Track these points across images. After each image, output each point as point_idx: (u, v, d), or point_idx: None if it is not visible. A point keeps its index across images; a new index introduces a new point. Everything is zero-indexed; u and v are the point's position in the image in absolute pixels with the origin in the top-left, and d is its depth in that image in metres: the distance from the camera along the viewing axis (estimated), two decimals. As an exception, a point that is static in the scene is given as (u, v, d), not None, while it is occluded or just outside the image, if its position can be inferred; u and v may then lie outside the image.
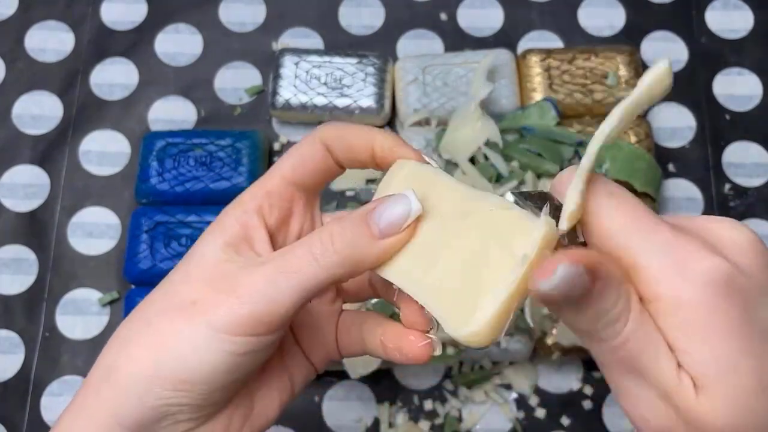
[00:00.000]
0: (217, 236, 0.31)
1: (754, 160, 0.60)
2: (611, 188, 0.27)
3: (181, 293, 0.30)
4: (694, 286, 0.24)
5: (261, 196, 0.32)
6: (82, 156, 0.61)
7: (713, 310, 0.24)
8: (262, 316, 0.28)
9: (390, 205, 0.29)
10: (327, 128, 0.32)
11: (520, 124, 0.56)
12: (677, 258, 0.25)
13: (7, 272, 0.57)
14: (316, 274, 0.29)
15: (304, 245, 0.29)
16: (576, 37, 0.64)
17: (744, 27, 0.64)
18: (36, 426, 0.54)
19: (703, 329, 0.25)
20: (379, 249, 0.29)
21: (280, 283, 0.28)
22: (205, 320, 0.28)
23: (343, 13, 0.65)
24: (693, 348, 0.25)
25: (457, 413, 0.54)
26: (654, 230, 0.26)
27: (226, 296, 0.29)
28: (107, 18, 0.65)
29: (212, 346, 0.28)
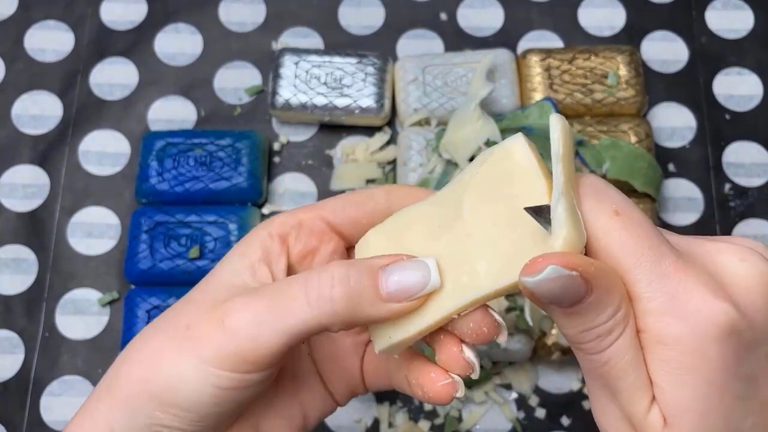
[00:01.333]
0: (238, 256, 0.30)
1: (754, 160, 0.60)
2: (620, 206, 0.25)
3: (184, 314, 0.29)
4: (685, 327, 0.24)
5: (291, 225, 0.31)
6: (82, 156, 0.61)
7: (699, 356, 0.24)
8: (247, 354, 0.27)
9: (406, 268, 0.27)
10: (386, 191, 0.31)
11: (520, 124, 0.56)
12: (675, 294, 0.24)
13: (7, 272, 0.57)
14: (305, 320, 0.27)
15: (300, 282, 0.27)
16: (576, 37, 0.64)
17: (744, 27, 0.64)
18: (36, 426, 0.54)
19: (684, 371, 0.24)
20: (381, 311, 0.27)
21: (265, 323, 0.27)
22: (194, 350, 0.28)
23: (343, 13, 0.65)
24: (669, 387, 0.24)
25: (457, 413, 0.54)
26: (657, 259, 0.24)
27: (215, 328, 0.28)
28: (107, 18, 0.65)
29: (198, 377, 0.27)
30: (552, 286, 0.23)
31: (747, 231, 0.58)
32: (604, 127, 0.57)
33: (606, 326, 0.24)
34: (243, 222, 0.55)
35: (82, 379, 0.55)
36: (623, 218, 0.25)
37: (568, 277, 0.23)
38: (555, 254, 0.23)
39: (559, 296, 0.23)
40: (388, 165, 0.59)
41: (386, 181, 0.59)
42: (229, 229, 0.55)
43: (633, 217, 0.25)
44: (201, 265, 0.54)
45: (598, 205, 0.25)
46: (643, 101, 0.59)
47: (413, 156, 0.57)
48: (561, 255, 0.23)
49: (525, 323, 0.51)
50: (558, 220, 0.24)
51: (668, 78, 0.63)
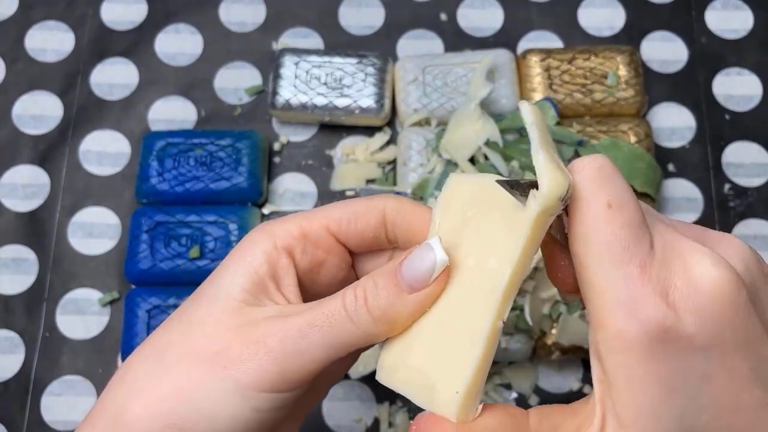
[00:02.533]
0: (242, 271, 0.29)
1: (754, 160, 0.60)
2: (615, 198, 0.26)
3: (204, 338, 0.28)
4: (636, 329, 0.25)
5: (296, 237, 0.30)
6: (82, 156, 0.61)
7: (647, 357, 0.25)
8: (292, 372, 0.27)
9: (417, 257, 0.28)
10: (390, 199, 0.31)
11: (519, 124, 0.56)
12: (632, 296, 0.25)
13: (7, 272, 0.57)
14: (351, 332, 0.27)
15: (338, 298, 0.28)
16: (576, 37, 0.64)
17: (744, 27, 0.64)
18: (36, 426, 0.54)
19: (634, 371, 0.25)
20: (409, 304, 0.28)
21: (312, 339, 0.27)
22: (230, 375, 0.27)
23: (343, 13, 0.65)
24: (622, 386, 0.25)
25: (457, 413, 0.54)
26: (626, 260, 0.25)
27: (255, 349, 0.27)
28: (107, 18, 0.65)
29: (236, 401, 0.27)
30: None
31: (747, 231, 0.58)
32: (603, 128, 0.57)
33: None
34: (243, 222, 0.56)
35: (82, 379, 0.55)
36: (613, 213, 0.26)
37: None
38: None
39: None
40: (388, 165, 0.60)
41: (386, 182, 0.59)
42: (230, 229, 0.55)
43: (623, 213, 0.26)
44: (201, 265, 0.54)
45: (595, 193, 0.26)
46: (642, 101, 0.59)
47: (413, 156, 0.57)
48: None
49: (525, 323, 0.51)
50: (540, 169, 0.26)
51: (668, 78, 0.63)
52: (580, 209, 0.26)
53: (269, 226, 0.31)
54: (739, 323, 0.25)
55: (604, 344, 0.26)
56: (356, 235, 0.31)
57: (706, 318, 0.25)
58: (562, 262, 0.28)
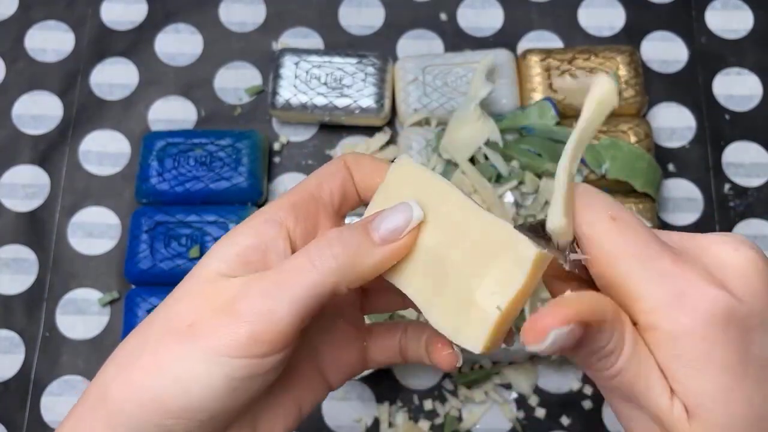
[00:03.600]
0: (227, 246, 0.30)
1: (753, 160, 0.60)
2: (615, 211, 0.26)
3: (179, 314, 0.28)
4: (690, 319, 0.25)
5: (286, 208, 0.31)
6: (82, 156, 0.61)
7: (709, 344, 0.24)
8: (262, 334, 0.27)
9: (391, 212, 0.29)
10: (349, 154, 0.33)
11: (519, 124, 0.56)
12: (675, 289, 0.25)
13: (7, 272, 0.57)
14: (315, 282, 0.28)
15: (301, 253, 0.28)
16: (576, 37, 0.64)
17: (744, 27, 0.64)
18: (36, 426, 0.54)
19: (698, 361, 0.25)
20: (379, 254, 0.29)
21: (276, 295, 0.27)
22: (202, 344, 0.27)
23: (343, 13, 0.65)
24: (687, 379, 0.25)
25: (457, 413, 0.54)
26: (654, 258, 0.25)
27: (224, 316, 0.27)
28: (107, 18, 0.65)
29: (212, 370, 0.27)
30: (556, 346, 0.25)
31: (747, 231, 0.58)
32: (603, 127, 0.57)
33: (607, 348, 0.26)
34: (243, 222, 0.55)
35: (82, 379, 0.55)
36: (620, 223, 0.26)
37: (568, 332, 0.24)
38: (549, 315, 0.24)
39: (562, 348, 0.25)
40: (388, 165, 0.59)
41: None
42: (229, 229, 0.55)
43: (629, 221, 0.26)
44: (201, 265, 0.54)
45: (595, 212, 0.26)
46: (642, 101, 0.59)
47: (413, 156, 0.57)
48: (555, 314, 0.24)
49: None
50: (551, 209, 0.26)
51: (668, 78, 0.63)
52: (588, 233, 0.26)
53: (262, 208, 0.32)
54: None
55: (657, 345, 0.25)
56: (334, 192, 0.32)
57: (753, 294, 0.25)
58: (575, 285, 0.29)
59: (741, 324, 0.25)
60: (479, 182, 0.53)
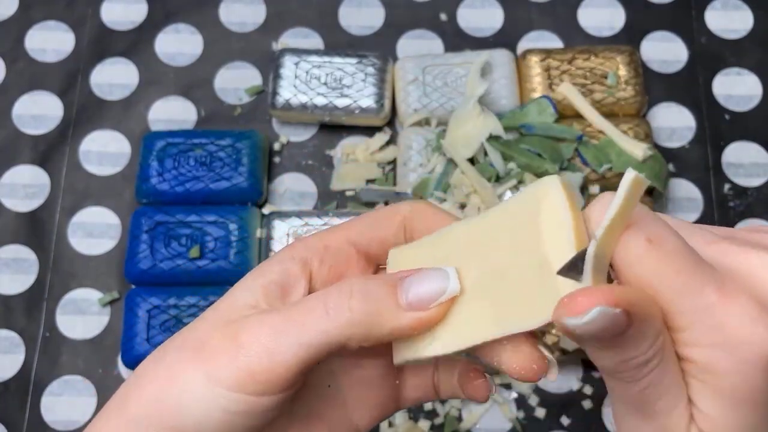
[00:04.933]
0: (255, 279, 0.29)
1: (753, 160, 0.60)
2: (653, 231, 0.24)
3: (197, 332, 0.28)
4: (734, 360, 0.23)
5: (316, 248, 0.30)
6: (82, 156, 0.61)
7: (749, 387, 0.23)
8: (260, 372, 0.26)
9: (426, 277, 0.26)
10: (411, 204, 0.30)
11: (519, 122, 0.56)
12: (721, 325, 0.23)
13: (7, 272, 0.57)
14: (325, 330, 0.26)
15: (319, 296, 0.27)
16: (576, 37, 0.64)
17: (744, 27, 0.64)
18: (36, 426, 0.54)
19: (733, 401, 0.24)
20: (402, 321, 0.26)
21: (282, 335, 0.26)
22: (204, 368, 0.26)
23: (343, 13, 0.65)
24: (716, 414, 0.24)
25: (457, 413, 0.54)
26: (699, 288, 0.23)
27: (228, 344, 0.26)
28: (107, 18, 0.65)
29: (207, 397, 0.26)
30: (596, 326, 0.22)
31: (747, 231, 0.58)
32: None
33: (645, 356, 0.24)
34: (243, 222, 0.56)
35: (82, 379, 0.55)
36: (657, 247, 0.23)
37: (613, 315, 0.22)
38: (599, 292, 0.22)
39: (601, 334, 0.23)
40: (388, 165, 0.60)
41: (386, 182, 0.59)
42: (229, 229, 0.55)
43: (668, 244, 0.24)
44: (201, 264, 0.54)
45: (631, 235, 0.24)
46: (642, 101, 0.59)
47: (413, 156, 0.57)
48: (604, 292, 0.22)
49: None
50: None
51: (668, 78, 0.63)
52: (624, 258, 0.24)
53: (295, 241, 0.31)
54: None
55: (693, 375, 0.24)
56: (377, 241, 0.30)
57: None
58: None
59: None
60: (479, 182, 0.53)
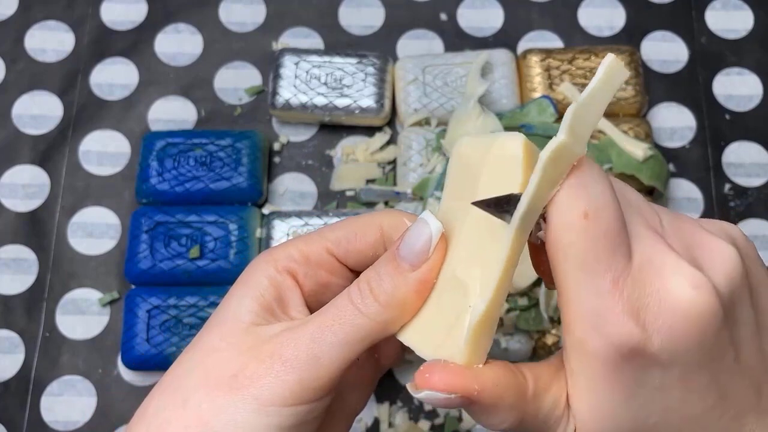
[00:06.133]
0: (249, 295, 0.29)
1: (754, 160, 0.60)
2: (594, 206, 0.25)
3: (219, 363, 0.27)
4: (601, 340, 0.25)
5: (297, 260, 0.30)
6: (82, 156, 0.61)
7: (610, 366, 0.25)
8: (310, 381, 0.26)
9: (412, 235, 0.28)
10: (387, 215, 0.31)
11: (519, 122, 0.56)
12: (601, 311, 0.25)
13: (7, 272, 0.57)
14: (362, 324, 0.27)
15: (344, 296, 0.28)
16: (576, 37, 0.64)
17: (744, 27, 0.64)
18: (36, 426, 0.54)
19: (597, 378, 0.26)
20: (413, 282, 0.28)
21: (323, 341, 0.27)
22: (249, 394, 0.26)
23: (343, 13, 0.65)
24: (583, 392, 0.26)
25: (457, 413, 0.54)
26: (600, 274, 0.25)
27: (270, 363, 0.27)
28: (107, 18, 0.65)
29: (258, 420, 0.26)
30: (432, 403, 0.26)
31: (747, 231, 0.58)
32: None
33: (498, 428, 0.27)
34: (243, 222, 0.56)
35: (82, 379, 0.55)
36: (589, 223, 0.25)
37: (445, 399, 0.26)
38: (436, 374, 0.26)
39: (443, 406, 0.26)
40: (388, 165, 0.60)
41: (386, 182, 0.59)
42: (229, 229, 0.55)
43: (600, 224, 0.25)
44: (201, 265, 0.54)
45: (571, 201, 0.25)
46: (643, 101, 0.59)
47: (413, 156, 0.57)
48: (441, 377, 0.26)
49: (525, 323, 0.51)
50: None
51: (668, 78, 0.63)
52: (556, 219, 0.25)
53: (270, 252, 0.31)
54: (707, 345, 0.25)
55: (570, 347, 0.27)
56: (356, 253, 0.31)
57: (674, 340, 0.25)
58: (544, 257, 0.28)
59: (644, 360, 0.25)
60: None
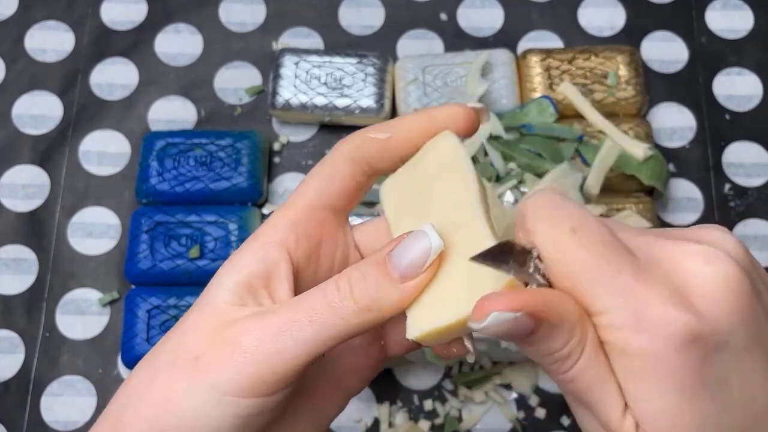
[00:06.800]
0: (231, 275, 0.29)
1: (754, 160, 0.60)
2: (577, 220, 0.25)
3: (186, 345, 0.27)
4: (648, 341, 0.24)
5: (285, 227, 0.29)
6: (82, 156, 0.61)
7: (664, 365, 0.24)
8: (270, 375, 0.26)
9: (409, 245, 0.27)
10: (349, 139, 0.31)
11: (519, 122, 0.56)
12: (635, 308, 0.24)
13: (7, 272, 0.57)
14: (334, 325, 0.26)
15: (318, 292, 0.27)
16: (576, 37, 0.64)
17: (744, 27, 0.64)
18: (36, 426, 0.54)
19: (653, 381, 0.24)
20: (401, 293, 0.27)
21: (291, 335, 0.26)
22: (208, 380, 0.26)
23: (343, 13, 0.65)
24: (641, 396, 0.25)
25: (457, 413, 0.54)
26: (616, 274, 0.24)
27: (230, 350, 0.26)
28: (107, 18, 0.65)
29: (216, 409, 0.26)
30: (498, 329, 0.24)
31: (747, 231, 0.58)
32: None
33: (562, 352, 0.25)
34: (243, 222, 0.55)
35: (82, 379, 0.55)
36: (580, 235, 0.25)
37: (513, 319, 0.24)
38: (497, 297, 0.24)
39: (508, 335, 0.24)
40: (388, 165, 0.59)
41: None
42: (229, 229, 0.55)
43: (590, 233, 0.25)
44: (201, 265, 0.54)
45: (554, 224, 0.25)
46: (643, 101, 0.59)
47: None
48: (502, 297, 0.24)
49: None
50: None
51: (668, 78, 0.63)
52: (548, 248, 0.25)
53: (258, 229, 0.30)
54: (749, 316, 0.24)
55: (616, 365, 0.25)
56: (339, 195, 0.30)
57: (719, 317, 0.24)
58: None
59: (701, 345, 0.24)
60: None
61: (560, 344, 0.25)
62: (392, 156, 0.31)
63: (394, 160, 0.31)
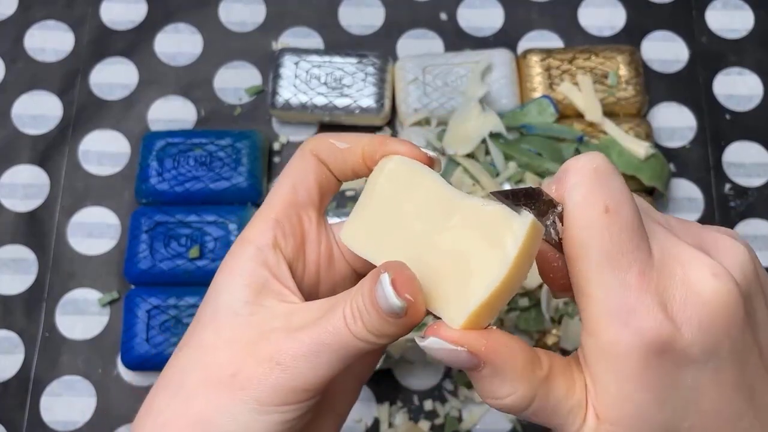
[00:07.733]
0: (237, 282, 0.29)
1: (754, 160, 0.60)
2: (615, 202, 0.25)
3: (218, 361, 0.28)
4: (629, 333, 0.25)
5: (271, 228, 0.30)
6: (82, 156, 0.61)
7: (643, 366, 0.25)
8: (310, 384, 0.28)
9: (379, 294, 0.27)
10: (313, 140, 0.32)
11: (519, 122, 0.56)
12: (630, 305, 0.25)
13: (7, 272, 0.57)
14: (358, 346, 0.28)
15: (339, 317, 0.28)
16: (576, 37, 0.64)
17: (744, 27, 0.64)
18: (36, 426, 0.54)
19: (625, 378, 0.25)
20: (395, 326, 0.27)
21: (323, 354, 0.27)
22: (250, 396, 0.27)
23: (343, 13, 0.65)
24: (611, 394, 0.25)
25: (457, 413, 0.54)
26: (626, 268, 0.25)
27: (269, 367, 0.27)
28: (107, 18, 0.65)
29: (261, 419, 0.27)
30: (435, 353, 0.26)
31: (747, 231, 0.58)
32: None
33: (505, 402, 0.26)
34: (243, 222, 0.55)
35: (82, 379, 0.55)
36: (611, 216, 0.25)
37: (452, 350, 0.25)
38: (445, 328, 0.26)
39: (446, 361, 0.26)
40: (388, 165, 0.59)
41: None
42: (229, 229, 0.55)
43: (621, 218, 0.25)
44: (201, 265, 0.54)
45: (591, 196, 0.25)
46: (643, 101, 0.59)
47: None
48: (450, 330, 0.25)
49: (525, 323, 0.51)
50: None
51: (668, 78, 0.63)
52: (576, 214, 0.25)
53: (242, 234, 0.31)
54: (735, 336, 0.25)
55: (595, 350, 0.26)
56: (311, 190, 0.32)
57: (704, 330, 0.25)
58: (555, 263, 0.28)
59: (677, 355, 0.25)
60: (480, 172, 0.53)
61: (505, 391, 0.26)
62: (346, 166, 0.32)
63: (347, 171, 0.32)
